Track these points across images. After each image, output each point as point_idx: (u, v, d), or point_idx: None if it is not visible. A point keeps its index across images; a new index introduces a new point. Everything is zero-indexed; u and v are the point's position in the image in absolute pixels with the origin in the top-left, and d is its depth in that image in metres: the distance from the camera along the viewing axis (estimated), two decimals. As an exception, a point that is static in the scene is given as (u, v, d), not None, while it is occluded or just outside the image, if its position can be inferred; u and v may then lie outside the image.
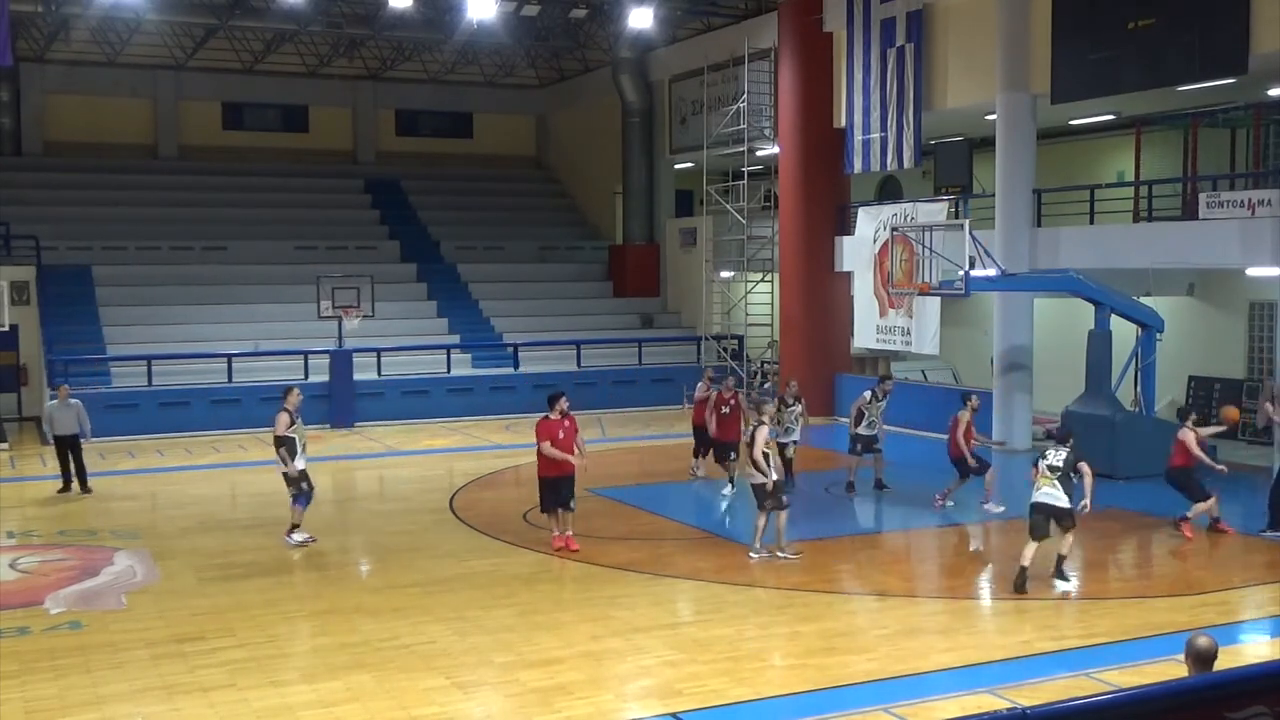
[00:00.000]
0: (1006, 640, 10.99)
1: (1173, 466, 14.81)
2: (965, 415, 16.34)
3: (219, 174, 33.45)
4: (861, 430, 17.43)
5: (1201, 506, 14.56)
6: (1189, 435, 14.67)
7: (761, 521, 13.78)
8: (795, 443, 17.55)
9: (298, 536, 14.64)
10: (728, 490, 17.32)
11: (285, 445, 14.62)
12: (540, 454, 14.01)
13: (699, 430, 18.55)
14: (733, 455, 17.34)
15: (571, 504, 14.10)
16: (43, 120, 33.00)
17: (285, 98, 35.65)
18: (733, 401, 17.51)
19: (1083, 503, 12.55)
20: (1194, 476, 14.75)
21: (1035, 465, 12.79)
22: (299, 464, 14.64)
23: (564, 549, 13.97)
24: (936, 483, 18.54)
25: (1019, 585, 12.32)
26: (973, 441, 16.47)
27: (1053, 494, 12.48)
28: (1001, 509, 15.98)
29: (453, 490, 18.28)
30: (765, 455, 13.62)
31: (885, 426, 17.92)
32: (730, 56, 28.07)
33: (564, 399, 14.25)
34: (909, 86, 22.95)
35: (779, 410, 16.95)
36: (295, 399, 14.91)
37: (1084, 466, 12.58)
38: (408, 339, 27.65)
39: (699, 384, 18.77)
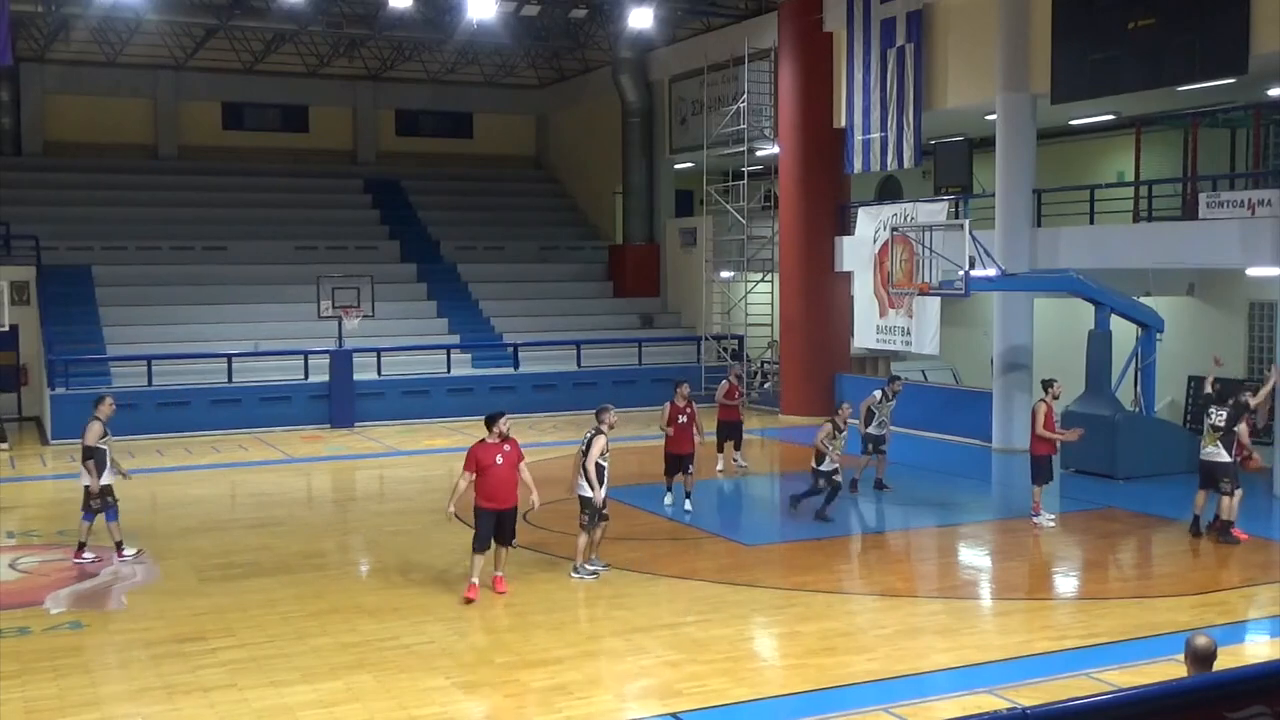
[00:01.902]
0: (1006, 640, 10.99)
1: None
2: (1042, 407, 15.59)
3: (219, 174, 33.44)
4: (871, 430, 17.35)
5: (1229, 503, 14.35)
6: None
7: (583, 541, 12.89)
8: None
9: (129, 550, 13.88)
10: (688, 505, 16.33)
11: (94, 457, 13.68)
12: (477, 483, 12.00)
13: (726, 425, 19.03)
14: (690, 468, 16.33)
15: (514, 542, 12.32)
16: (43, 120, 33.00)
17: (285, 98, 35.64)
18: (689, 411, 16.29)
19: (1246, 452, 14.06)
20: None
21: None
22: (106, 478, 13.77)
23: (472, 591, 12.07)
24: (937, 483, 18.53)
25: (1193, 530, 14.36)
26: (1057, 432, 15.81)
27: (1214, 451, 14.04)
28: (1053, 523, 15.48)
29: (453, 490, 18.24)
30: (599, 467, 12.67)
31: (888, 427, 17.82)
32: (730, 56, 28.07)
33: (504, 419, 12.22)
34: (909, 86, 22.94)
35: (833, 437, 15.69)
36: (108, 409, 14.05)
37: (1241, 428, 13.97)
38: (408, 339, 27.65)
39: (723, 383, 19.52)
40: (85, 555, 13.73)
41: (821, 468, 15.68)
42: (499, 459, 12.00)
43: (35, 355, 25.96)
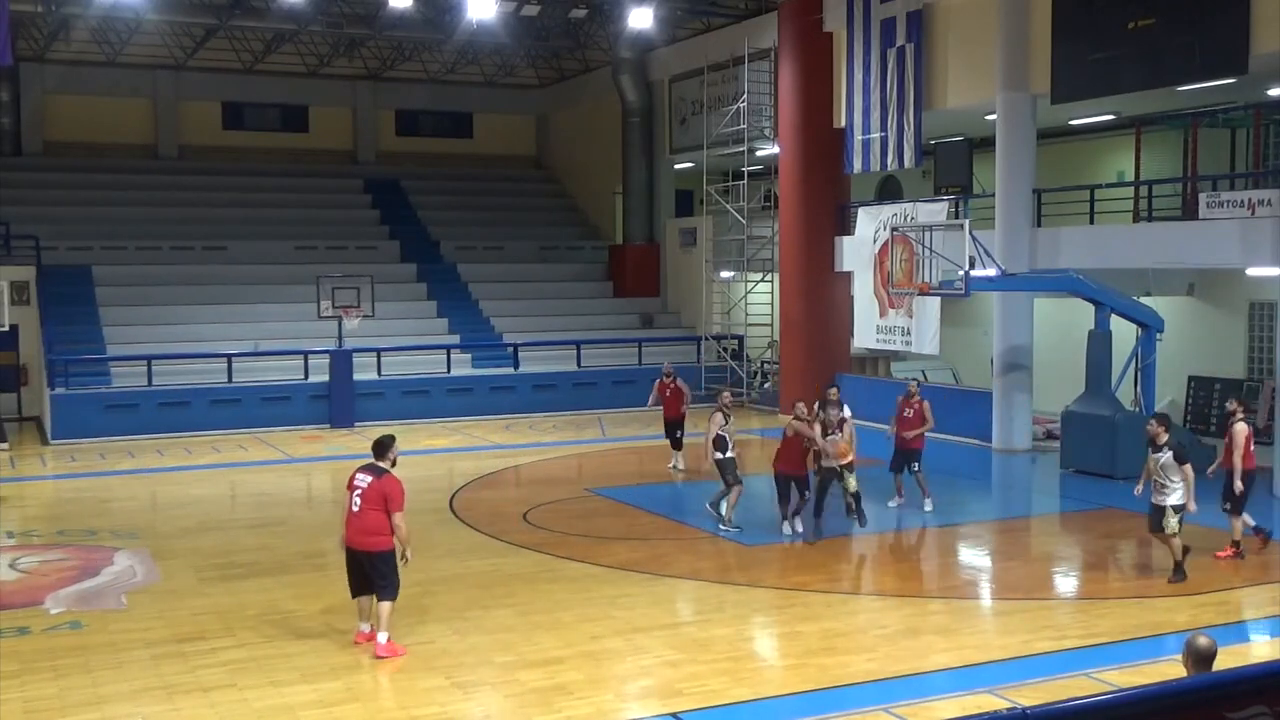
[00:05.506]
0: (1006, 640, 10.98)
1: None
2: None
3: (219, 174, 33.43)
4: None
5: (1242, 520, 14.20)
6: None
7: (735, 494, 15.09)
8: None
9: None
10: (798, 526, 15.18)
11: None
12: (400, 527, 10.50)
13: (667, 421, 19.60)
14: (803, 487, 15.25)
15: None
16: (43, 120, 32.98)
17: (285, 98, 35.63)
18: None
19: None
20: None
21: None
22: None
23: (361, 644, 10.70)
24: (937, 483, 18.51)
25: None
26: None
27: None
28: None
29: (453, 490, 18.26)
30: (721, 438, 15.20)
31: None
32: (730, 56, 28.07)
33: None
34: (909, 86, 22.94)
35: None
36: None
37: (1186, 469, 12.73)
38: (408, 339, 27.64)
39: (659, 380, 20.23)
40: None
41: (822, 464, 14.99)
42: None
43: (35, 355, 25.95)
